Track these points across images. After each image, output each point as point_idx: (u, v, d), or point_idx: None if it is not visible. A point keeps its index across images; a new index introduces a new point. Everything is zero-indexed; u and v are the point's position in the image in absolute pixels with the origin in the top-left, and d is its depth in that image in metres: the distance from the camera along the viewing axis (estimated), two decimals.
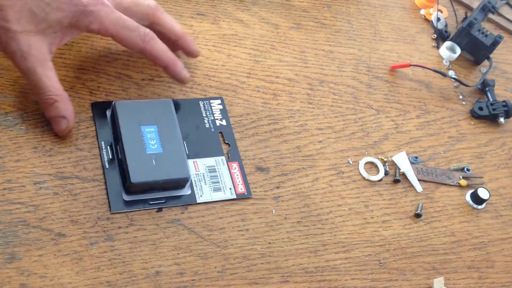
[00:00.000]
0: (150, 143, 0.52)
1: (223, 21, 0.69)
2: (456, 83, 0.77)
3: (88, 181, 0.52)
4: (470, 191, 0.67)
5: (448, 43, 0.80)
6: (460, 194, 0.67)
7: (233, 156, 0.57)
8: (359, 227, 0.60)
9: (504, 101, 0.76)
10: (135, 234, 0.51)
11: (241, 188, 0.55)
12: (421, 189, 0.65)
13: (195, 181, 0.54)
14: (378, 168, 0.65)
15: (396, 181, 0.65)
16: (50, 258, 0.47)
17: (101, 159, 0.52)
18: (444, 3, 0.85)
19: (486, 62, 0.81)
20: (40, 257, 0.47)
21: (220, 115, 0.59)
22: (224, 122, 0.59)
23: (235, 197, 0.55)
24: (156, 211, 0.53)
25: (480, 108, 0.75)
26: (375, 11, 0.80)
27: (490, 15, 0.84)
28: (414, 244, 0.61)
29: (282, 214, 0.57)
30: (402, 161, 0.66)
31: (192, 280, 0.50)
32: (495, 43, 0.78)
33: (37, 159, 0.51)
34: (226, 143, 0.57)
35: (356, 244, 0.59)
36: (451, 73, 0.78)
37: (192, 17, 0.68)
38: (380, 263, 0.58)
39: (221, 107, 0.59)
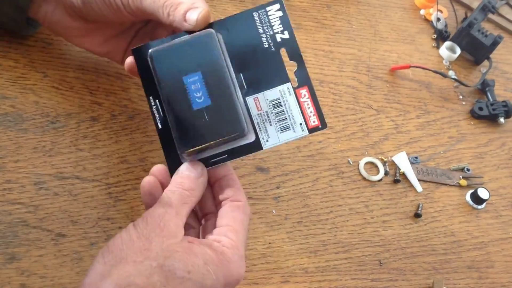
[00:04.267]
0: (195, 96, 0.44)
1: None
2: (456, 83, 0.77)
3: (88, 181, 0.52)
4: (470, 191, 0.67)
5: (448, 43, 0.80)
6: (460, 194, 0.67)
7: (301, 79, 0.46)
8: (359, 227, 0.60)
9: (504, 101, 0.76)
10: None
11: (314, 121, 0.46)
12: (421, 189, 0.65)
13: (257, 123, 0.46)
14: (378, 168, 0.65)
15: (396, 181, 0.65)
16: (50, 258, 0.47)
17: (153, 117, 0.46)
18: (444, 3, 0.85)
19: (486, 62, 0.81)
20: (40, 257, 0.47)
21: (281, 25, 0.47)
22: (286, 35, 0.47)
23: (307, 133, 0.46)
24: None
25: (480, 108, 0.75)
26: (375, 11, 0.80)
27: (490, 15, 0.84)
28: (414, 244, 0.61)
29: (282, 214, 0.57)
30: (402, 161, 0.66)
31: None
32: (495, 43, 0.78)
33: (37, 159, 0.51)
34: (291, 62, 0.47)
35: (356, 244, 0.59)
36: (451, 73, 0.78)
37: None
38: (380, 263, 0.58)
39: (280, 13, 0.47)
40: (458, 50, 0.79)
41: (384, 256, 0.59)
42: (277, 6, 0.47)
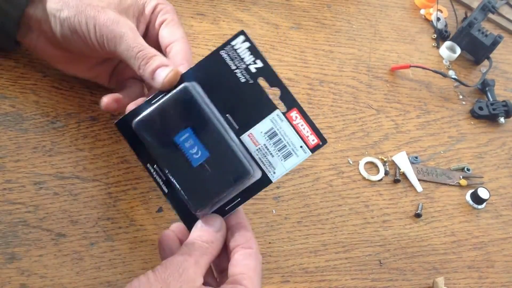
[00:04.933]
0: (192, 152, 0.44)
1: (223, 21, 0.69)
2: (456, 83, 0.77)
3: (88, 181, 0.52)
4: (470, 191, 0.67)
5: (448, 43, 0.80)
6: (460, 194, 0.67)
7: (288, 102, 0.46)
8: (359, 227, 0.60)
9: (504, 101, 0.76)
10: (135, 234, 0.51)
11: (313, 139, 0.46)
12: (421, 189, 0.65)
13: (259, 159, 0.45)
14: (378, 168, 0.65)
15: (396, 181, 0.65)
16: (50, 258, 0.47)
17: (156, 183, 0.45)
18: (444, 3, 0.85)
19: (486, 62, 0.81)
20: (40, 257, 0.47)
21: (251, 56, 0.45)
22: (259, 64, 0.46)
23: (310, 154, 0.45)
24: (156, 211, 0.53)
25: (480, 108, 0.75)
26: (375, 11, 0.80)
27: (490, 15, 0.84)
28: (414, 244, 0.61)
29: (282, 214, 0.57)
30: (402, 161, 0.66)
31: None
32: (495, 43, 0.78)
33: (37, 159, 0.51)
34: (272, 88, 0.46)
35: (356, 244, 0.59)
36: (451, 73, 0.78)
37: (192, 17, 0.68)
38: (380, 263, 0.58)
39: (247, 44, 0.46)
40: (458, 50, 0.79)
41: (384, 256, 0.59)
42: (242, 38, 0.46)
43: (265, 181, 0.45)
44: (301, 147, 0.45)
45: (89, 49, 0.49)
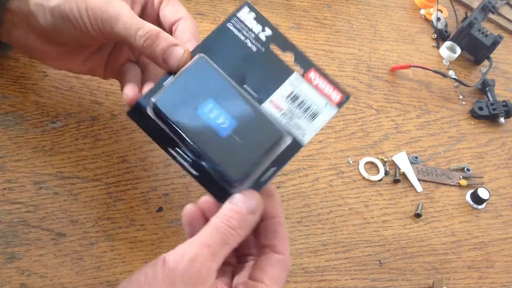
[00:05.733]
0: (219, 123, 0.41)
1: None
2: (456, 83, 0.77)
3: (88, 180, 0.52)
4: (470, 191, 0.67)
5: (448, 43, 0.80)
6: (460, 194, 0.67)
7: (303, 64, 0.45)
8: (359, 227, 0.60)
9: (504, 101, 0.76)
10: (135, 234, 0.51)
11: (336, 95, 0.44)
12: (421, 189, 0.65)
13: (286, 123, 0.43)
14: (378, 168, 0.65)
15: (396, 181, 0.65)
16: (50, 258, 0.47)
17: (183, 167, 0.42)
18: (444, 3, 0.85)
19: (486, 62, 0.81)
20: (40, 257, 0.47)
21: (259, 25, 0.45)
22: (268, 31, 0.45)
23: (337, 109, 0.44)
24: (156, 211, 0.53)
25: (480, 108, 0.75)
26: (375, 11, 0.80)
27: (490, 15, 0.84)
28: (414, 244, 0.61)
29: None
30: (402, 161, 0.66)
31: None
32: (495, 43, 0.78)
33: (37, 159, 0.51)
34: (286, 53, 0.45)
35: (356, 244, 0.59)
36: (451, 73, 0.78)
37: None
38: (380, 263, 0.58)
39: (253, 14, 0.45)
40: (458, 50, 0.79)
41: (384, 256, 0.59)
42: (247, 9, 0.45)
43: (296, 144, 0.43)
44: (325, 105, 0.44)
45: (84, 36, 0.45)
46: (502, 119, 0.75)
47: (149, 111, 0.42)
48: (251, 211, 0.40)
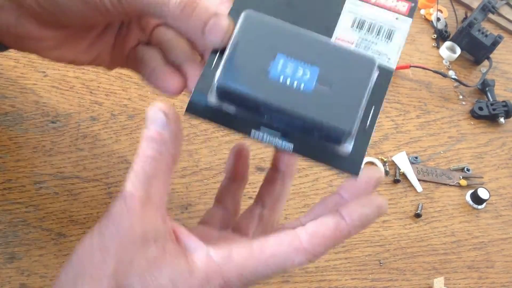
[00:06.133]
0: (299, 77, 0.35)
1: None
2: (456, 83, 0.77)
3: (88, 180, 0.52)
4: (470, 191, 0.67)
5: (448, 43, 0.80)
6: (460, 194, 0.67)
7: None
8: None
9: (504, 101, 0.76)
10: None
11: (403, 5, 0.39)
12: (421, 189, 0.65)
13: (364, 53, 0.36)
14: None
15: (396, 181, 0.65)
16: (50, 258, 0.47)
17: (275, 146, 0.35)
18: (444, 3, 0.85)
19: (486, 62, 0.81)
20: (40, 257, 0.47)
21: None
22: None
23: (411, 19, 0.39)
24: None
25: (480, 108, 0.75)
26: None
27: (490, 15, 0.84)
28: (414, 244, 0.61)
29: (282, 214, 0.57)
30: (402, 161, 0.66)
31: None
32: (495, 43, 0.78)
33: (37, 159, 0.51)
34: None
35: (356, 244, 0.59)
36: (451, 73, 0.78)
37: None
38: (380, 263, 0.58)
39: None
40: (458, 50, 0.79)
41: (384, 256, 0.59)
42: None
43: (386, 73, 0.38)
44: (396, 19, 0.38)
45: (93, 10, 0.36)
46: (502, 119, 0.75)
47: (213, 99, 0.35)
48: (163, 126, 0.33)
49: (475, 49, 0.80)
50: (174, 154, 0.33)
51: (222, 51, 0.35)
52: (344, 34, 0.37)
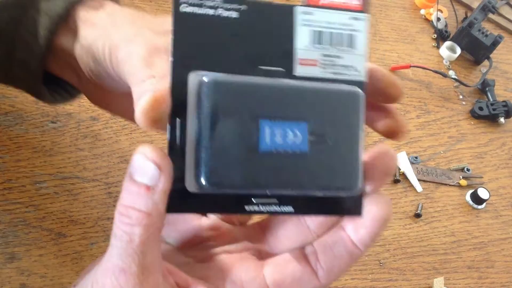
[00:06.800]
0: (291, 141, 0.30)
1: None
2: (456, 83, 0.77)
3: (88, 180, 0.52)
4: (470, 191, 0.67)
5: (448, 43, 0.80)
6: (460, 194, 0.67)
7: None
8: None
9: (504, 101, 0.76)
10: None
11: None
12: (421, 189, 0.65)
13: (333, 73, 0.32)
14: None
15: (396, 181, 0.65)
16: (50, 258, 0.47)
17: (274, 213, 0.30)
18: (444, 3, 0.85)
19: (486, 62, 0.81)
20: (40, 257, 0.47)
21: None
22: None
23: (368, 15, 0.33)
24: None
25: (480, 108, 0.75)
26: (375, 11, 0.80)
27: (490, 15, 0.84)
28: (414, 244, 0.61)
29: None
30: (402, 161, 0.66)
31: None
32: (495, 43, 0.78)
33: (37, 159, 0.51)
34: None
35: None
36: (451, 73, 0.78)
37: None
38: (380, 263, 0.58)
39: None
40: (458, 50, 0.79)
41: (384, 256, 0.59)
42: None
43: (355, 93, 0.32)
44: (354, 18, 0.33)
45: (112, 80, 0.35)
46: (502, 119, 0.75)
47: (193, 187, 0.28)
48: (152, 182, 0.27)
49: (475, 49, 0.80)
50: (164, 211, 0.27)
51: (182, 121, 0.29)
52: (306, 54, 0.32)
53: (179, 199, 0.28)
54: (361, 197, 0.31)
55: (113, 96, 0.38)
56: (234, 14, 0.31)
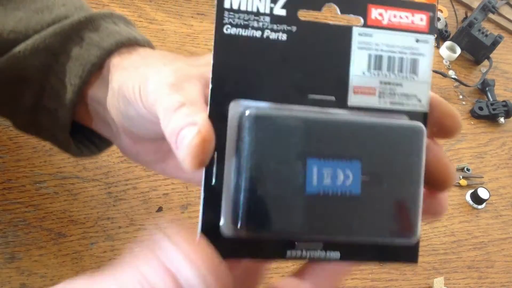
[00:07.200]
0: (341, 183, 0.27)
1: None
2: (456, 83, 0.77)
3: (88, 180, 0.52)
4: (470, 191, 0.67)
5: (448, 43, 0.80)
6: (460, 194, 0.67)
7: (353, 9, 0.33)
8: None
9: (504, 101, 0.76)
10: (135, 234, 0.51)
11: (420, 19, 0.29)
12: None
13: (391, 103, 0.29)
14: None
15: None
16: (50, 258, 0.47)
17: (318, 259, 0.28)
18: (444, 3, 0.85)
19: (486, 62, 0.81)
20: (40, 257, 0.47)
21: None
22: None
23: (433, 37, 0.30)
24: (156, 211, 0.53)
25: (480, 108, 0.75)
26: None
27: (490, 15, 0.84)
28: None
29: None
30: None
31: None
32: (495, 43, 0.78)
33: (37, 159, 0.51)
34: (323, 9, 0.33)
35: None
36: (451, 73, 0.78)
37: (192, 17, 0.68)
38: (380, 263, 0.58)
39: None
40: (458, 50, 0.79)
41: None
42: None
43: (418, 128, 0.28)
44: (417, 41, 0.29)
45: (143, 119, 0.33)
46: (502, 119, 0.75)
47: (229, 230, 0.27)
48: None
49: (475, 49, 0.80)
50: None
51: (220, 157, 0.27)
52: (362, 82, 0.29)
53: (213, 244, 0.26)
54: (418, 243, 0.29)
55: (144, 144, 0.36)
56: (282, 36, 0.28)
